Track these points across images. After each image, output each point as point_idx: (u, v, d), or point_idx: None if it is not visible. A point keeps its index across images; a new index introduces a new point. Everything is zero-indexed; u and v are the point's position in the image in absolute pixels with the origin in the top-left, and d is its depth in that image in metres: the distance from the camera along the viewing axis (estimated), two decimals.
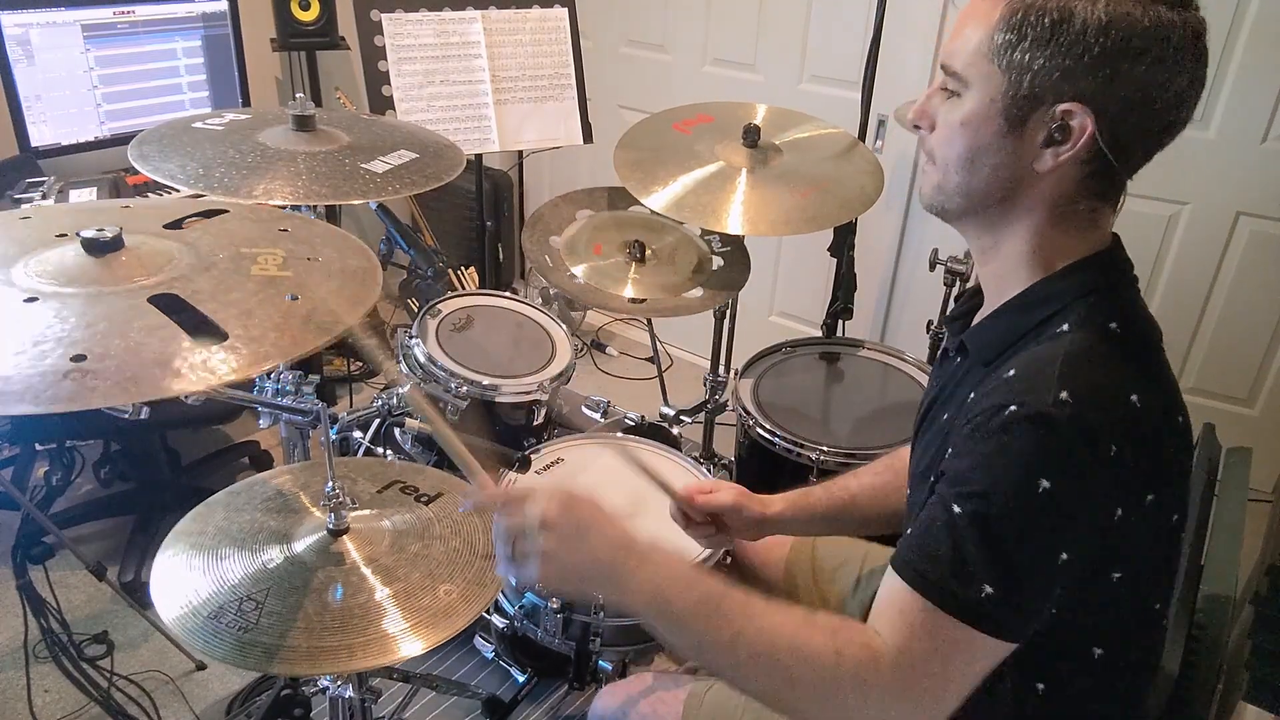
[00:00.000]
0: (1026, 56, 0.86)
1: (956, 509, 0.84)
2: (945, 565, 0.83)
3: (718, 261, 2.08)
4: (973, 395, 0.92)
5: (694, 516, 1.28)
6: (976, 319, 1.05)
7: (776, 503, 1.29)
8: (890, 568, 0.89)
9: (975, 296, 1.08)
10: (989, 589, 0.82)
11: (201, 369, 0.87)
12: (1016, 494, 0.81)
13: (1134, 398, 0.84)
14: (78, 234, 0.99)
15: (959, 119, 0.92)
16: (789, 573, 1.47)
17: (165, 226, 1.11)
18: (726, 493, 1.27)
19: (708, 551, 1.54)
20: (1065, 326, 0.89)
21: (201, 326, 0.91)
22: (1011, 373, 0.87)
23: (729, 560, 1.65)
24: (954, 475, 0.86)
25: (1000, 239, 0.97)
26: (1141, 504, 0.85)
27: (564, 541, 0.91)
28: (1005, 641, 0.83)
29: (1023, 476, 0.81)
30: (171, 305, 0.94)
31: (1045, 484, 0.80)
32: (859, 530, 1.44)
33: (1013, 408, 0.83)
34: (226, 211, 1.18)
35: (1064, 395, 0.81)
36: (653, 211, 1.86)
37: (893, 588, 0.87)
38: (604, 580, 0.92)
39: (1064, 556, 0.82)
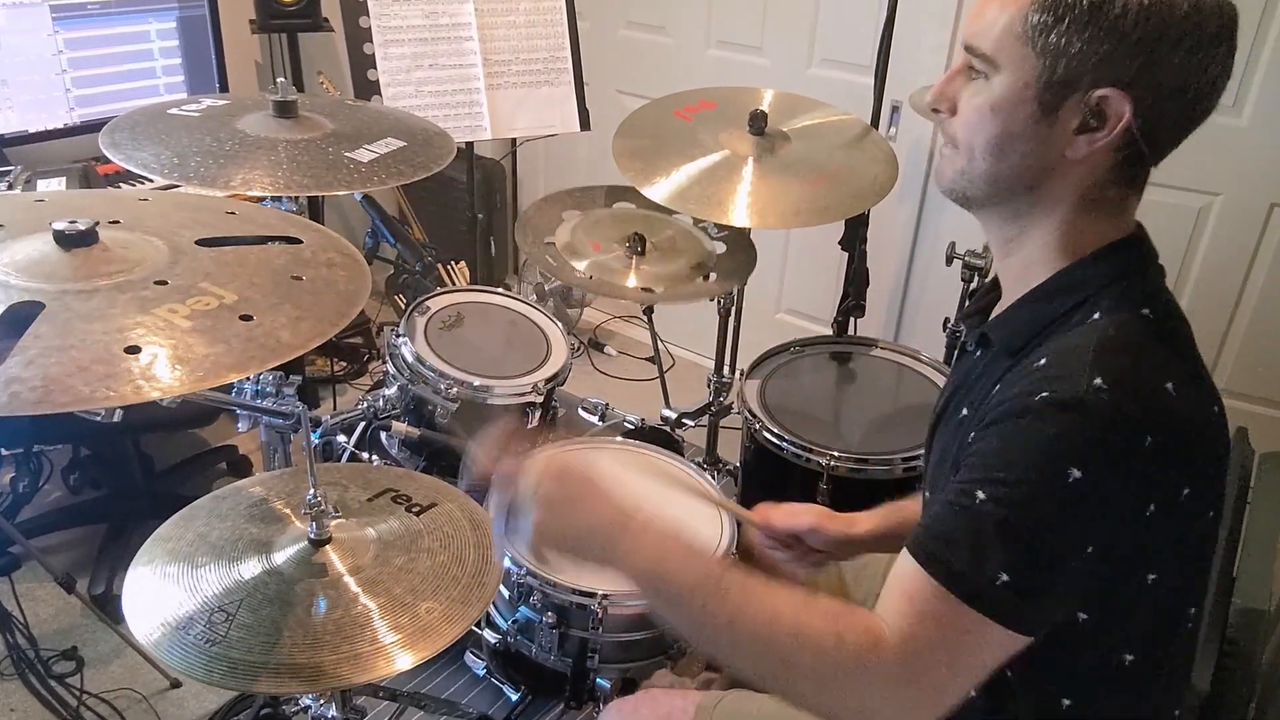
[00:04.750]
0: (1064, 40, 0.87)
1: (980, 495, 0.84)
2: (960, 550, 0.84)
3: (719, 247, 2.08)
4: (998, 388, 0.92)
5: (777, 539, 1.32)
6: (996, 311, 1.05)
7: (863, 521, 1.30)
8: (904, 551, 0.89)
9: (992, 291, 1.08)
10: (1004, 576, 0.82)
11: None
12: (1043, 481, 0.82)
13: (1169, 386, 0.85)
14: (50, 224, 0.98)
15: (988, 103, 0.92)
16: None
17: (198, 242, 1.08)
18: (805, 515, 1.31)
19: (721, 546, 1.56)
20: (1097, 314, 0.90)
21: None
22: (1043, 361, 0.88)
23: (735, 555, 1.65)
24: (977, 461, 0.87)
25: (1025, 229, 0.97)
26: (1177, 498, 0.85)
27: (556, 512, 0.96)
28: (1016, 634, 0.84)
29: (1051, 463, 0.82)
30: (19, 315, 0.89)
31: (1076, 473, 0.81)
32: None
33: (1044, 394, 0.83)
34: (300, 241, 1.15)
35: (1099, 382, 0.82)
36: (638, 206, 1.86)
37: (903, 572, 0.88)
38: (599, 550, 0.96)
39: (1089, 550, 0.83)
